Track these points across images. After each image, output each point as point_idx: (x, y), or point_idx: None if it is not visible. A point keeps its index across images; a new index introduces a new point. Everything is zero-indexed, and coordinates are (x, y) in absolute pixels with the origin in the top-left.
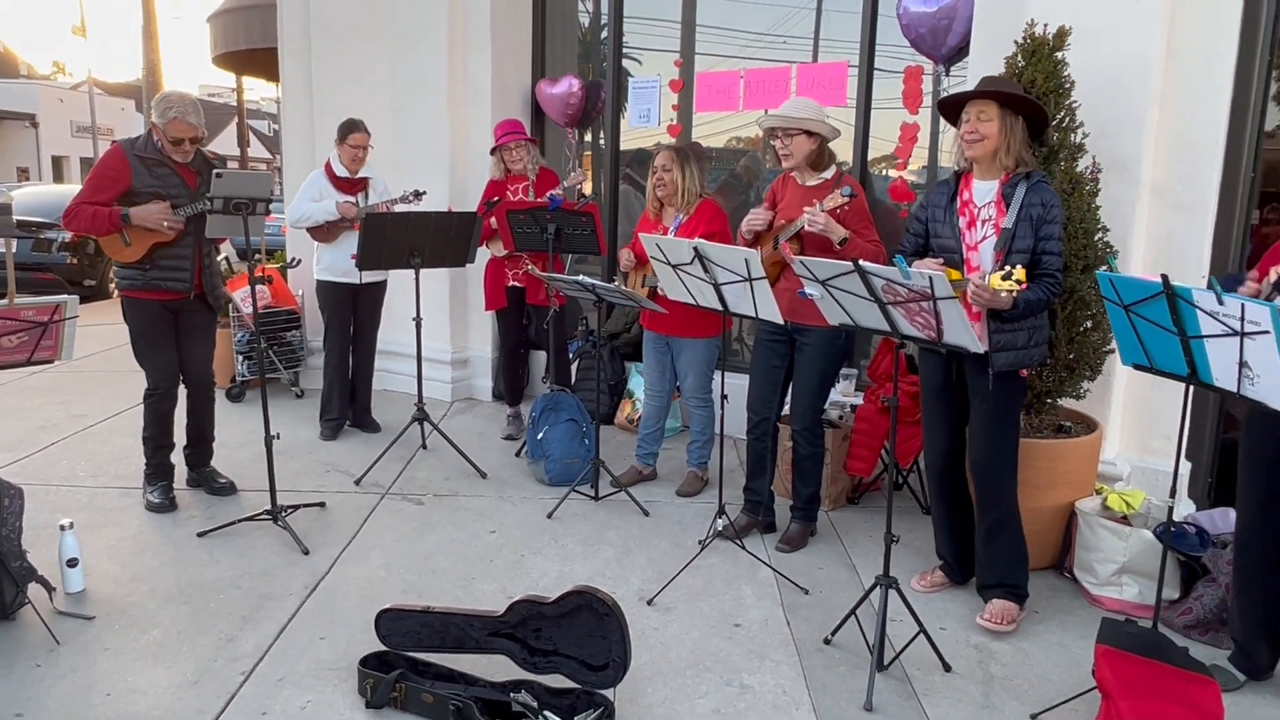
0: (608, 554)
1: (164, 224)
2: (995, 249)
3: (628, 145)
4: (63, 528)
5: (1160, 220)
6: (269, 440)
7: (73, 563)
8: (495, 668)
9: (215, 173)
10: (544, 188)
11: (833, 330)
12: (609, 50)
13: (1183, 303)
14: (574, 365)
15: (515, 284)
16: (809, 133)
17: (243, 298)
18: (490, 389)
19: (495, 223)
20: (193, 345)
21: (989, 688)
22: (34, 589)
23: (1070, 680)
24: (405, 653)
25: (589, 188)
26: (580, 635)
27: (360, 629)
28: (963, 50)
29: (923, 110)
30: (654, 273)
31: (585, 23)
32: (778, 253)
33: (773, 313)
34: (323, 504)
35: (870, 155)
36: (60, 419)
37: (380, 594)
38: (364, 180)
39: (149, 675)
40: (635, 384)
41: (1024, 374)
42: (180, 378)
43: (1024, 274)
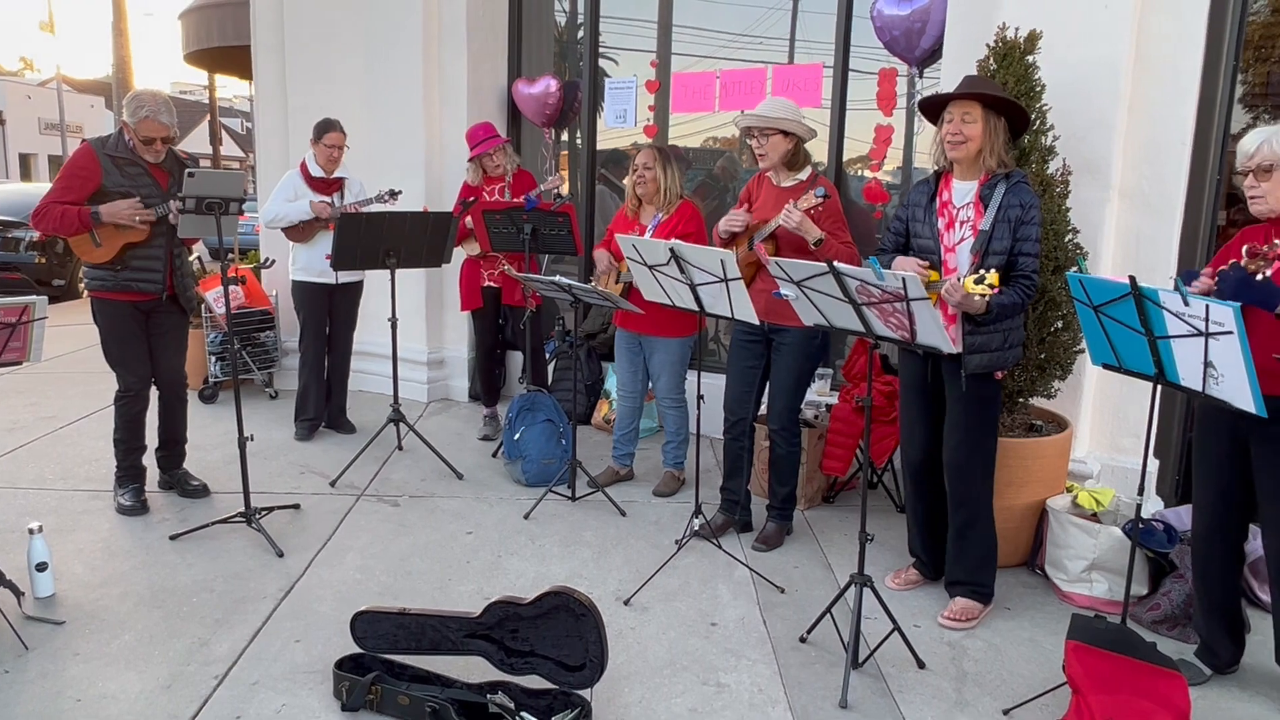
0: (585, 554)
1: (135, 219)
2: (971, 251)
3: (604, 145)
4: (31, 531)
5: (1129, 222)
6: (242, 442)
7: (42, 567)
8: (472, 669)
9: (187, 172)
10: (520, 189)
11: (809, 330)
12: (585, 50)
13: (1150, 304)
14: (551, 365)
15: (491, 284)
16: (785, 133)
17: (215, 298)
18: (467, 389)
19: (471, 221)
20: (165, 347)
21: (962, 684)
22: (2, 594)
23: (1041, 676)
24: (381, 655)
25: (566, 188)
26: (557, 636)
27: (336, 632)
28: (936, 53)
29: (897, 112)
30: (628, 270)
31: (562, 23)
32: (753, 253)
33: (748, 313)
34: (297, 506)
35: (845, 156)
36: (29, 421)
37: (356, 596)
38: (339, 180)
39: (120, 680)
40: (612, 384)
41: (999, 376)
42: (152, 379)
43: (997, 278)
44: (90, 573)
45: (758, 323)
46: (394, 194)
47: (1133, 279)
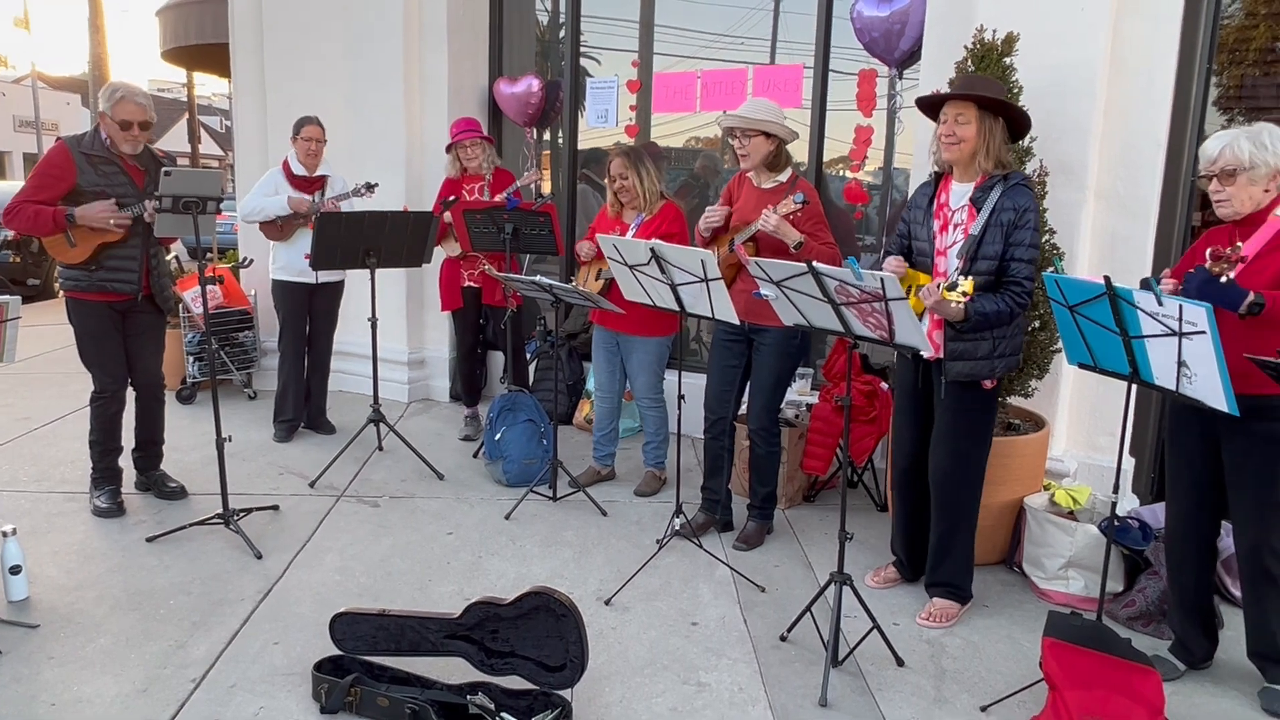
0: (566, 554)
1: (110, 222)
2: (959, 255)
3: (585, 145)
4: (5, 534)
5: (1105, 223)
6: (220, 443)
7: (15, 570)
8: (452, 670)
9: (164, 171)
10: (500, 187)
11: (789, 330)
12: (567, 50)
13: (1124, 304)
14: (532, 366)
15: (471, 284)
16: (767, 134)
17: (193, 298)
18: (448, 390)
19: (450, 217)
20: (141, 347)
21: (941, 681)
22: None
23: (1019, 672)
24: (361, 657)
25: (547, 187)
26: (538, 636)
27: (315, 633)
28: (915, 54)
29: (877, 113)
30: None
31: (543, 22)
32: (733, 254)
33: (729, 313)
34: (276, 507)
35: (825, 157)
36: (3, 422)
37: (335, 598)
38: (321, 178)
39: (96, 684)
40: (593, 384)
41: (987, 385)
42: (128, 380)
43: (971, 286)
44: (65, 576)
45: (738, 323)
46: (370, 187)
47: (1107, 279)
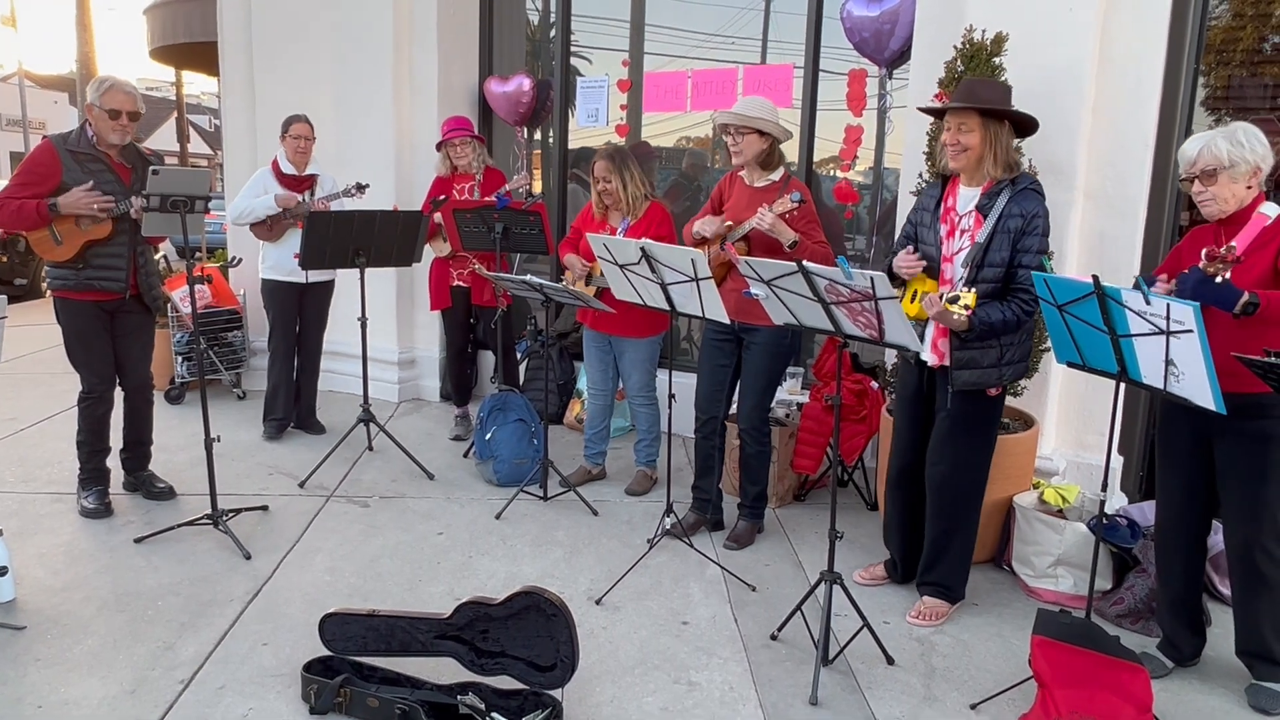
0: (556, 554)
1: (94, 207)
2: (964, 263)
3: (576, 144)
4: None
5: (1093, 222)
6: (209, 443)
7: (1, 571)
8: (442, 670)
9: (151, 169)
10: (490, 187)
11: (780, 330)
12: (557, 49)
13: (1112, 303)
14: (523, 365)
15: (460, 284)
16: (761, 132)
17: (181, 297)
18: (438, 389)
19: (440, 217)
20: (129, 347)
21: (930, 679)
22: None
23: (1008, 670)
24: (350, 657)
25: (538, 186)
26: (528, 636)
27: (304, 634)
28: (905, 54)
29: (867, 112)
30: (601, 273)
31: (534, 21)
32: (724, 253)
33: (719, 312)
34: (265, 507)
35: (815, 156)
36: None
37: (325, 598)
38: (311, 178)
39: (83, 686)
40: (584, 383)
41: (992, 393)
42: (116, 380)
43: (974, 299)
44: (52, 577)
45: (728, 322)
46: (361, 187)
47: (1096, 278)
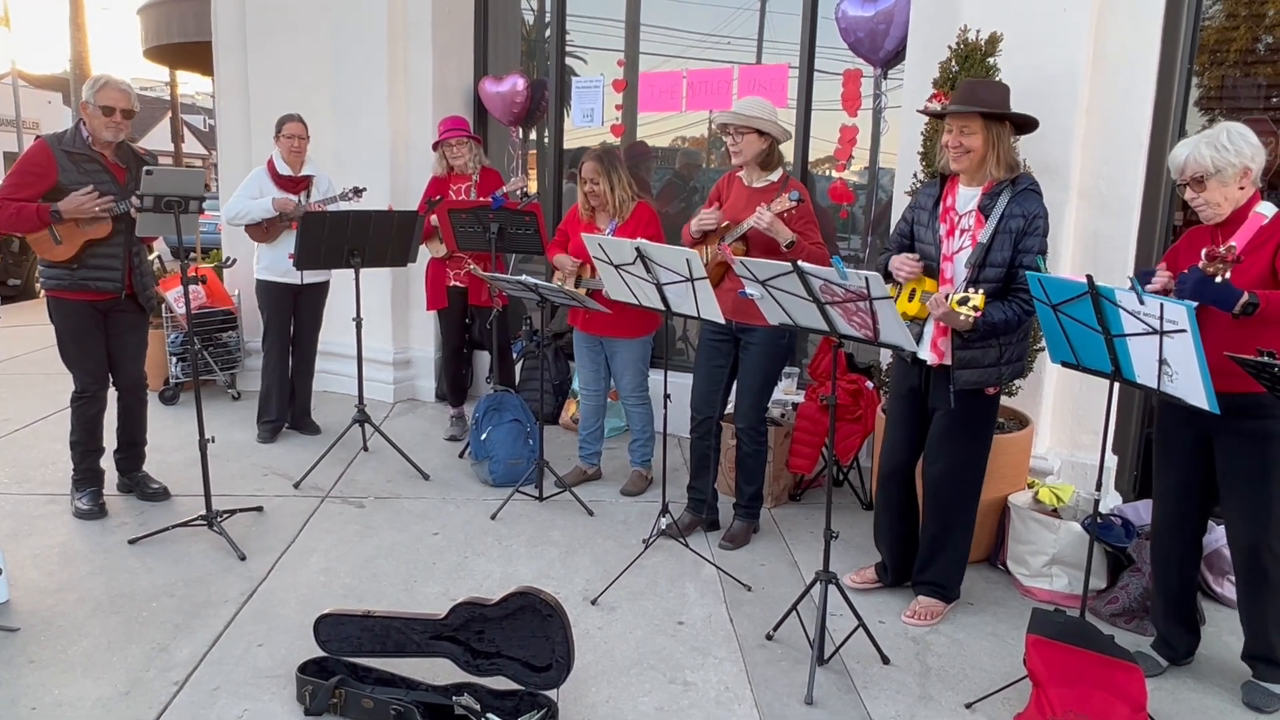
0: (552, 554)
1: (96, 209)
2: (966, 264)
3: (572, 145)
4: None
5: (1087, 222)
6: (204, 444)
7: None
8: (437, 671)
9: (145, 170)
10: (487, 188)
11: (776, 330)
12: (552, 49)
13: (1106, 303)
14: (518, 365)
15: (457, 284)
16: (760, 132)
17: (176, 298)
18: (433, 390)
19: (436, 219)
20: (124, 347)
21: (926, 679)
22: None
23: (1003, 669)
24: (345, 658)
25: (533, 186)
26: (523, 636)
27: (299, 635)
28: (900, 54)
29: (862, 112)
30: (592, 274)
31: (529, 21)
32: (721, 254)
33: (714, 312)
34: (260, 508)
35: (811, 156)
36: None
37: (320, 599)
38: (307, 178)
39: (77, 688)
40: (579, 383)
41: (990, 392)
42: (109, 380)
43: (983, 301)
44: (46, 578)
45: (723, 321)
46: (358, 191)
47: (1090, 278)
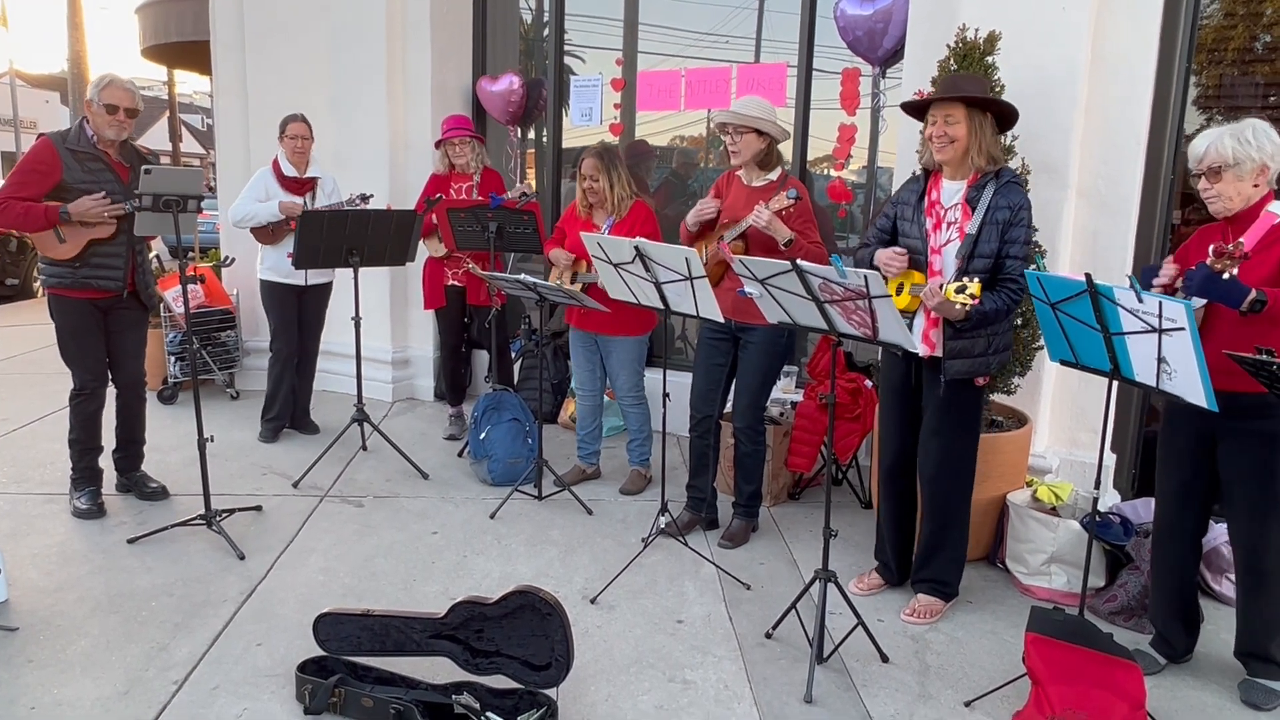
0: (551, 553)
1: (105, 214)
2: (957, 255)
3: (571, 144)
4: None
5: (1086, 220)
6: (202, 443)
7: None
8: (437, 670)
9: (144, 169)
10: (488, 188)
11: (776, 329)
12: (551, 48)
13: (1105, 301)
14: (517, 364)
15: (455, 283)
16: (759, 132)
17: (174, 297)
18: (432, 389)
19: (436, 219)
20: (124, 345)
21: (925, 677)
22: None
23: (1002, 668)
24: (345, 657)
25: (533, 185)
26: (523, 635)
27: (298, 634)
28: (898, 53)
29: (860, 111)
30: (588, 268)
31: (528, 20)
32: (719, 252)
33: (713, 311)
34: (259, 507)
35: (809, 155)
36: None
37: (319, 598)
38: (312, 180)
39: (76, 687)
40: (575, 383)
41: (979, 382)
42: (108, 378)
43: (979, 289)
44: (45, 578)
45: (722, 320)
46: (365, 198)
47: (1089, 276)
